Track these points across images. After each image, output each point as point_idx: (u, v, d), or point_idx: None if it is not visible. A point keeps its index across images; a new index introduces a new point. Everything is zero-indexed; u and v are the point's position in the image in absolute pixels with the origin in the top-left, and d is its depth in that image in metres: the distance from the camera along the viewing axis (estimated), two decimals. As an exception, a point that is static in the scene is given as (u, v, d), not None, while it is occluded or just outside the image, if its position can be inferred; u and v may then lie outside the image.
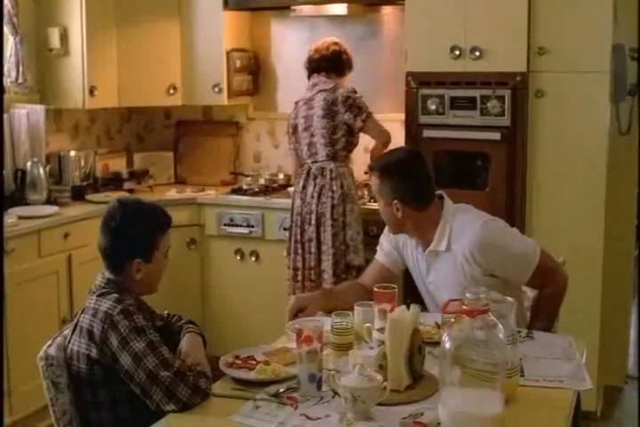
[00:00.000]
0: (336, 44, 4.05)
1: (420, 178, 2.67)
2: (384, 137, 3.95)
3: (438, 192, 2.72)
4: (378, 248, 2.90)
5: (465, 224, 2.62)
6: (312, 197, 3.90)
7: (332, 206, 3.85)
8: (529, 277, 2.62)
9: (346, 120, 3.88)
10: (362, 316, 2.44)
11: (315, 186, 3.90)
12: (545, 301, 2.67)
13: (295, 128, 4.04)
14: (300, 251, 3.93)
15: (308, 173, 3.95)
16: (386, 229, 2.86)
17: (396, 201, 2.63)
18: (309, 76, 4.05)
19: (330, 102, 3.88)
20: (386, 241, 2.87)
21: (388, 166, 2.67)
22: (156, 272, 2.33)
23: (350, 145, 3.97)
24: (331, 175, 3.88)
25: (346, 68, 4.06)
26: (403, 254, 2.83)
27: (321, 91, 3.93)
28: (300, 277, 3.93)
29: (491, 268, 2.60)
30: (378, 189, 2.67)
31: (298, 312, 2.63)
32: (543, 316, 2.65)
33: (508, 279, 2.64)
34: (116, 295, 2.20)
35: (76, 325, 2.23)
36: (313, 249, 3.88)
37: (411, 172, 2.66)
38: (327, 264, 3.84)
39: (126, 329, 2.10)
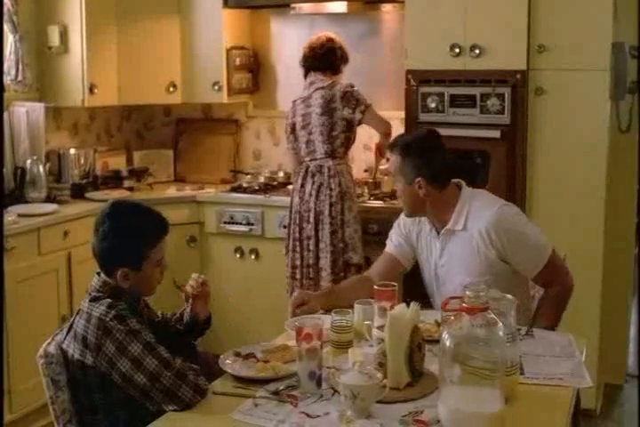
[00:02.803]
0: (330, 40, 4.02)
1: (441, 156, 2.70)
2: (384, 127, 3.93)
3: (455, 180, 2.75)
4: (387, 242, 2.91)
5: (483, 205, 2.66)
6: (310, 195, 3.89)
7: (331, 204, 3.84)
8: (539, 269, 2.64)
9: (345, 116, 3.87)
10: (362, 314, 2.44)
11: (313, 184, 3.90)
12: (551, 300, 2.67)
13: (293, 127, 4.03)
14: (298, 249, 3.93)
15: (306, 171, 3.95)
16: (396, 223, 2.88)
17: (419, 178, 2.64)
18: (306, 75, 4.05)
19: (328, 100, 3.88)
20: (395, 233, 2.88)
21: (411, 144, 2.68)
22: (146, 281, 2.27)
23: (348, 141, 3.97)
24: (329, 173, 3.88)
25: (341, 64, 4.04)
26: (413, 245, 2.83)
27: (318, 88, 3.92)
28: (298, 275, 3.94)
29: (505, 251, 2.61)
30: (399, 168, 2.66)
31: (300, 306, 2.62)
32: (550, 315, 2.64)
33: (519, 268, 2.66)
34: (108, 300, 2.17)
35: (71, 326, 2.22)
36: (311, 247, 3.89)
37: (433, 149, 2.70)
38: (325, 262, 3.84)
39: (122, 334, 2.09)
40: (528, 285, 2.79)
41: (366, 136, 4.08)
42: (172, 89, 4.71)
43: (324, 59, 3.98)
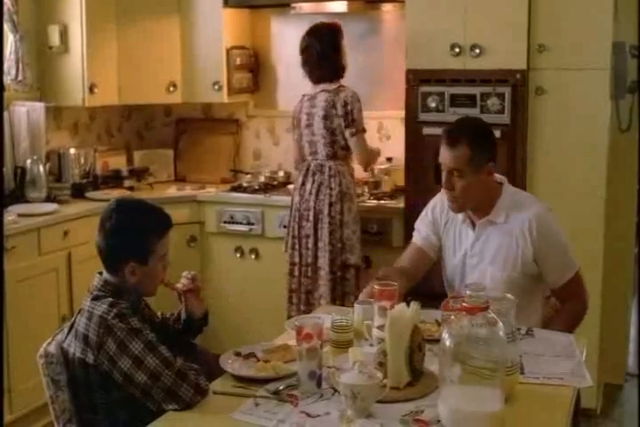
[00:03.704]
0: (320, 42, 3.89)
1: None
2: (365, 158, 3.95)
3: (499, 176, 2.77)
4: (414, 233, 2.91)
5: (526, 202, 2.69)
6: (310, 193, 3.89)
7: (330, 204, 3.84)
8: (565, 281, 2.67)
9: (340, 124, 3.85)
10: (362, 314, 2.43)
11: (313, 183, 3.90)
12: (568, 314, 2.70)
13: (298, 122, 4.02)
14: (297, 246, 3.93)
15: (307, 170, 3.94)
16: (423, 212, 2.88)
17: (490, 164, 2.64)
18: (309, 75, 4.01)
19: (330, 105, 3.85)
20: (422, 223, 2.88)
21: (479, 129, 2.67)
22: (151, 276, 2.29)
23: (349, 144, 3.95)
24: (329, 173, 3.88)
25: (341, 64, 3.92)
26: (439, 233, 2.83)
27: (324, 90, 3.90)
28: (296, 273, 3.94)
29: (541, 250, 2.62)
30: (468, 160, 2.58)
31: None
32: (562, 327, 2.64)
33: (547, 273, 2.67)
34: (110, 299, 2.18)
35: (72, 325, 2.22)
36: (310, 245, 3.88)
37: (492, 132, 2.72)
38: (323, 261, 3.84)
39: (123, 332, 2.09)
40: (544, 299, 2.81)
41: (368, 135, 4.06)
42: (172, 89, 4.71)
43: (321, 72, 3.90)
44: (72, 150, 4.52)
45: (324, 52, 3.90)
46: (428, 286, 3.23)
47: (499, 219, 2.66)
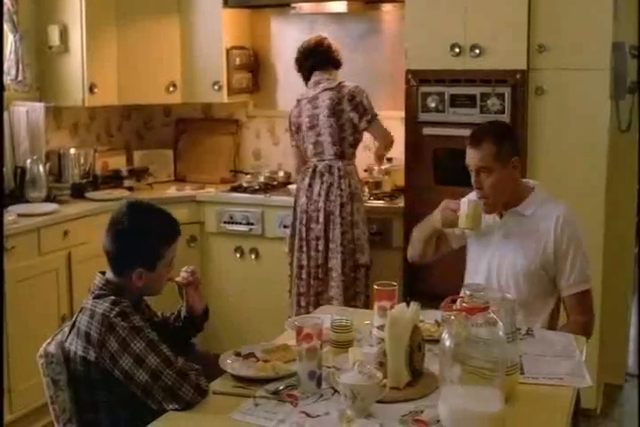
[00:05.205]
0: (324, 37, 4.01)
1: None
2: (387, 140, 3.96)
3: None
4: None
5: (555, 201, 2.77)
6: (319, 195, 3.87)
7: (341, 205, 3.82)
8: (578, 290, 2.68)
9: (351, 118, 3.86)
10: (469, 205, 2.64)
11: (322, 184, 3.87)
12: (576, 327, 2.67)
13: (299, 127, 4.01)
14: (304, 248, 3.90)
15: (313, 171, 3.92)
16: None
17: (515, 157, 2.72)
18: (308, 76, 4.01)
19: (336, 102, 3.85)
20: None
21: (502, 127, 2.84)
22: (157, 281, 2.30)
23: (357, 142, 3.95)
24: (339, 173, 3.86)
25: (340, 59, 4.02)
26: None
27: (326, 89, 3.90)
28: (304, 275, 3.91)
29: (561, 249, 2.67)
30: (495, 156, 2.67)
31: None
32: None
33: (560, 277, 2.69)
34: (112, 298, 2.18)
35: (73, 324, 2.22)
36: (320, 247, 3.85)
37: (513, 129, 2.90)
38: (335, 263, 3.82)
39: (125, 330, 2.09)
40: (555, 307, 2.80)
41: (366, 136, 4.07)
42: (171, 89, 4.71)
43: (324, 56, 3.95)
44: (72, 150, 4.51)
45: (328, 42, 4.00)
46: (428, 286, 3.24)
47: (527, 211, 2.73)
